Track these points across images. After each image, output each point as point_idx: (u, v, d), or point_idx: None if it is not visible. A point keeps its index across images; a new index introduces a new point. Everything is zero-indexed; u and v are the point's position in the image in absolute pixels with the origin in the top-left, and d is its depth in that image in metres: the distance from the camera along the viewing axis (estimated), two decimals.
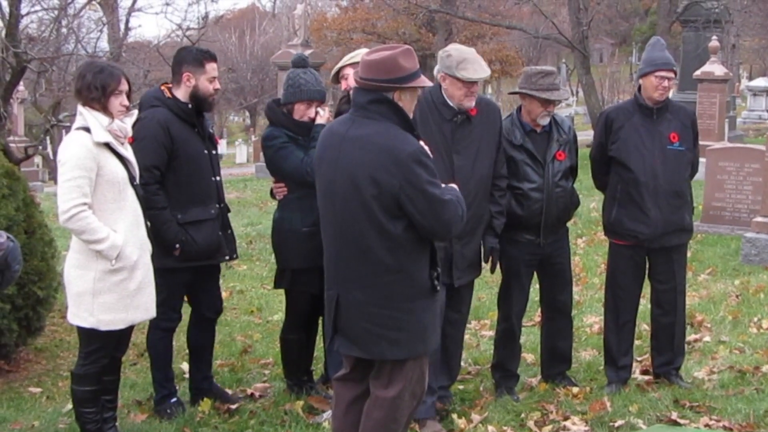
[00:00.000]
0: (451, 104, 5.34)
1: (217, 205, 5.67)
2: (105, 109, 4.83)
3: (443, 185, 4.25)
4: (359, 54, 5.85)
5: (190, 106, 5.53)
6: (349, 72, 5.85)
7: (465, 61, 5.29)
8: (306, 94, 5.67)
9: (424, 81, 4.35)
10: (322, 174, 4.36)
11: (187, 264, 5.54)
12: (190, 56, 5.61)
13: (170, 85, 5.63)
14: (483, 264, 5.68)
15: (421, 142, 4.25)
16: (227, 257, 5.83)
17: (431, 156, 4.26)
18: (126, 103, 4.94)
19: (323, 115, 5.70)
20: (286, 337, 6.03)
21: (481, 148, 5.45)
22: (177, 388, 5.87)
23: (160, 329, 5.66)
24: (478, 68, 5.29)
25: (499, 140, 5.57)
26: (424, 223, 4.16)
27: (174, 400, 5.72)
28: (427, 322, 4.33)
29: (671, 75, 5.88)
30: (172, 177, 5.47)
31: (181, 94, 5.55)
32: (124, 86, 4.92)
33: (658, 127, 5.91)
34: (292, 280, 5.82)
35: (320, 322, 5.93)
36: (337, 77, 6.05)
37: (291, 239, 5.72)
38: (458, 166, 5.32)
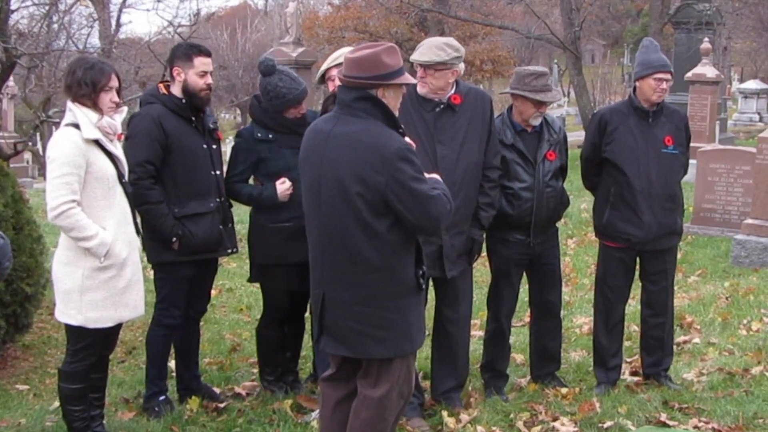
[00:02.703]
0: (431, 95, 5.38)
1: (217, 199, 5.66)
2: (95, 106, 4.81)
3: (428, 177, 4.24)
4: (343, 55, 5.84)
5: (184, 101, 5.53)
6: (335, 73, 5.85)
7: (420, 46, 5.40)
8: (294, 100, 5.70)
9: (408, 78, 4.35)
10: (307, 172, 4.34)
11: (188, 258, 5.54)
12: (179, 51, 5.63)
13: (169, 82, 5.65)
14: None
15: (407, 139, 4.25)
16: (228, 251, 5.84)
17: (416, 152, 4.26)
18: (116, 99, 4.92)
19: None
20: (261, 332, 6.09)
21: (468, 138, 5.42)
22: (167, 387, 5.85)
23: (162, 326, 5.66)
24: (425, 51, 5.34)
25: (490, 129, 5.52)
26: (412, 220, 4.15)
27: (163, 398, 5.70)
28: (413, 320, 4.32)
29: (668, 77, 5.86)
30: (169, 171, 5.48)
31: (176, 90, 5.56)
32: (114, 83, 4.90)
33: (653, 130, 5.90)
34: (259, 274, 5.93)
35: (306, 319, 5.93)
36: (323, 78, 6.03)
37: (258, 235, 5.84)
38: (441, 156, 5.32)
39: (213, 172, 5.66)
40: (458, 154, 5.37)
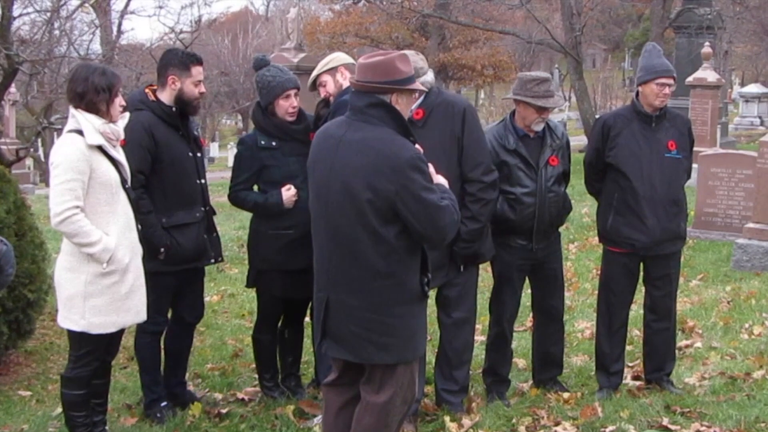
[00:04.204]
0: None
1: (202, 208, 5.66)
2: (108, 111, 4.83)
3: (435, 183, 4.25)
4: (334, 60, 5.85)
5: (174, 109, 5.52)
6: (327, 79, 5.84)
7: None
8: (279, 87, 5.72)
9: (419, 85, 4.39)
10: (316, 176, 4.35)
11: (173, 268, 5.53)
12: (176, 59, 5.57)
13: (155, 87, 5.61)
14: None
15: (417, 146, 4.26)
16: (212, 260, 5.84)
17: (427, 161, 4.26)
18: (123, 102, 4.98)
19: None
20: (255, 337, 6.13)
21: (434, 153, 5.05)
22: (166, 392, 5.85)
23: (148, 333, 5.65)
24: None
25: (462, 142, 5.32)
26: (420, 229, 4.16)
27: (164, 404, 5.70)
28: (417, 327, 4.33)
29: (671, 82, 5.85)
30: (157, 181, 5.46)
31: (166, 96, 5.53)
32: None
33: (656, 134, 5.90)
34: (256, 279, 5.96)
35: (307, 324, 5.94)
36: (314, 85, 6.01)
37: (257, 240, 5.87)
38: None
39: (198, 181, 5.65)
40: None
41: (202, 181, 5.68)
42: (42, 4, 11.77)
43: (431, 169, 4.27)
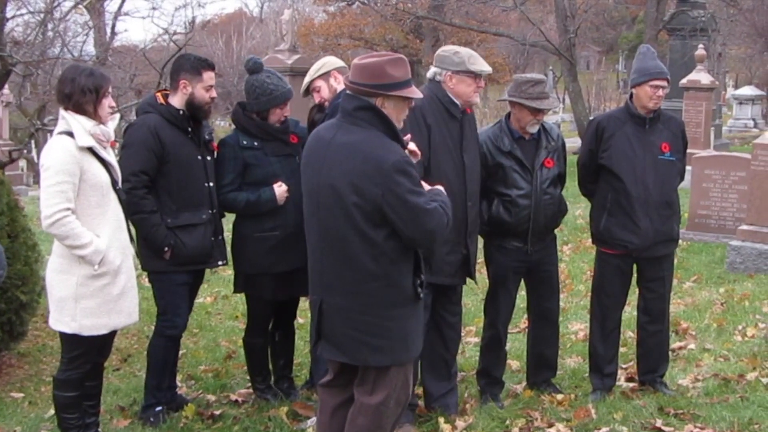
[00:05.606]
0: (457, 102, 5.38)
1: (210, 211, 5.65)
2: (96, 112, 4.82)
3: (429, 189, 4.24)
4: (326, 65, 5.86)
5: (181, 112, 5.52)
6: (321, 84, 5.85)
7: (473, 57, 5.40)
8: (281, 98, 5.72)
9: (414, 92, 4.32)
10: (307, 179, 4.35)
11: (179, 268, 5.54)
12: (187, 64, 5.62)
13: (167, 91, 5.66)
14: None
15: (406, 151, 4.25)
16: (219, 262, 5.83)
17: (415, 165, 4.26)
18: (113, 104, 4.96)
19: None
20: (247, 342, 6.09)
21: (477, 147, 5.58)
22: (167, 398, 5.82)
23: (164, 337, 5.65)
24: (483, 63, 5.46)
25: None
26: (407, 232, 4.15)
27: (160, 408, 5.67)
28: (411, 329, 4.32)
29: (665, 84, 5.85)
30: (163, 182, 5.48)
31: (177, 101, 5.56)
32: (110, 87, 4.95)
33: (649, 136, 5.90)
34: (245, 284, 5.91)
35: (302, 326, 5.92)
36: (308, 90, 6.01)
37: (243, 244, 5.81)
38: (468, 165, 5.40)
39: (207, 184, 5.64)
40: (476, 162, 5.51)
41: (211, 184, 5.66)
42: (36, 5, 11.73)
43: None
